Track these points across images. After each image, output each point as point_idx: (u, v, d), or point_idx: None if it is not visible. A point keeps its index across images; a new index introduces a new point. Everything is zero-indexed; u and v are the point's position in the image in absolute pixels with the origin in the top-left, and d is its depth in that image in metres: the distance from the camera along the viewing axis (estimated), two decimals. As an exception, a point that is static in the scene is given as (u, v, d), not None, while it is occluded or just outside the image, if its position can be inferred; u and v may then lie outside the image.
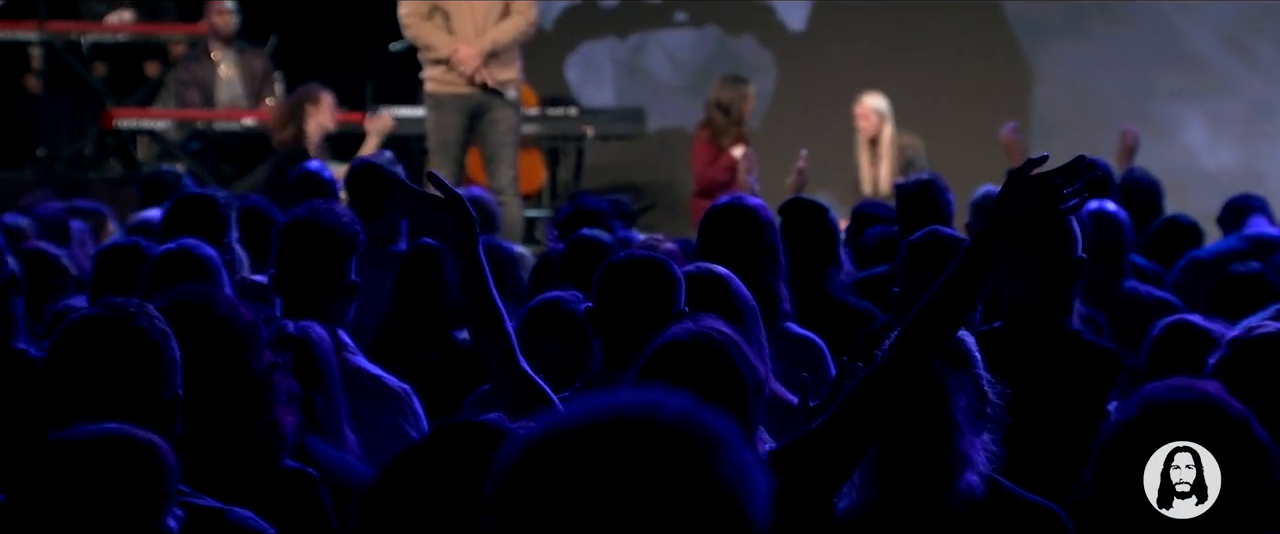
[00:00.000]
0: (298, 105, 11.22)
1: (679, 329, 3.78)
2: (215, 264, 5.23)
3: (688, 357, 3.73)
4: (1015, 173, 3.93)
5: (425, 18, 10.31)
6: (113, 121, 12.66)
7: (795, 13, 14.65)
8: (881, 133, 12.36)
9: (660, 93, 14.65)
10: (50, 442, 3.16)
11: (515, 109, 10.41)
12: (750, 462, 2.10)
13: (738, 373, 3.74)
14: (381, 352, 5.39)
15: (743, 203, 5.78)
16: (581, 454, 2.08)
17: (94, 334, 3.57)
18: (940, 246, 5.29)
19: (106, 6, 13.20)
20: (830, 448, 3.81)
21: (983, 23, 14.30)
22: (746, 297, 4.73)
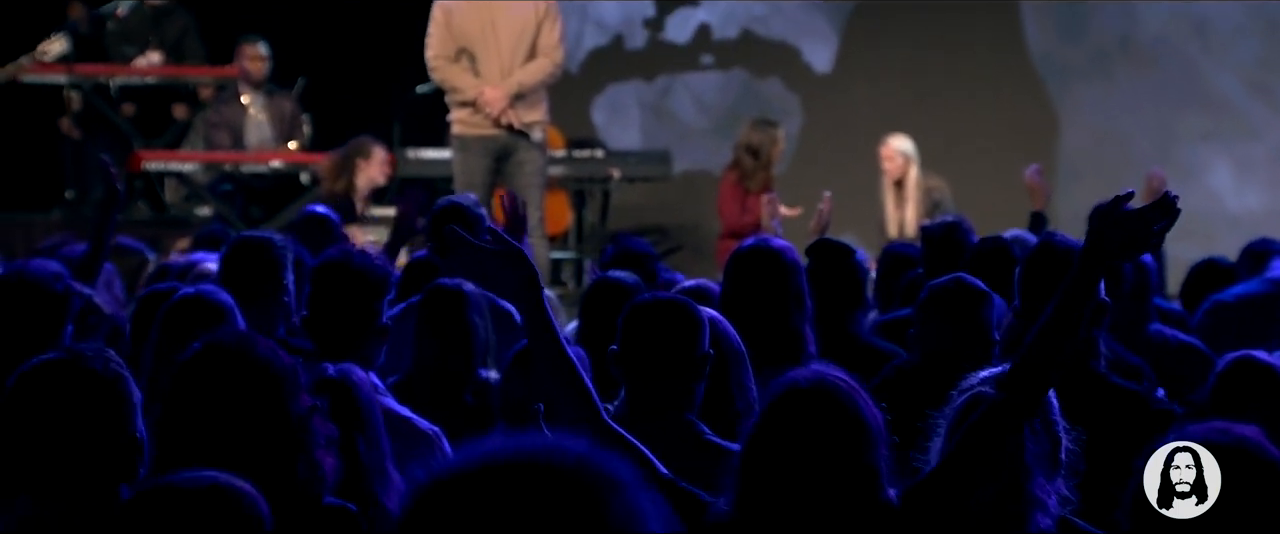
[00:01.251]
0: (349, 159, 11.27)
1: (799, 375, 3.77)
2: (230, 309, 5.24)
3: (810, 402, 3.72)
4: (1105, 209, 3.93)
5: (452, 60, 10.34)
6: (141, 164, 12.71)
7: (821, 55, 14.68)
8: (907, 174, 12.38)
9: (686, 135, 14.68)
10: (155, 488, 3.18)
11: (541, 151, 10.42)
12: (648, 508, 2.10)
13: (861, 418, 3.73)
14: (407, 393, 5.41)
15: (768, 245, 5.78)
16: (478, 494, 2.08)
17: (51, 378, 3.62)
18: (965, 293, 5.31)
19: (136, 49, 13.25)
20: (951, 490, 3.81)
21: (1008, 66, 14.32)
22: (735, 339, 4.75)
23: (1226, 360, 5.06)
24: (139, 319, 5.70)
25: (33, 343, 4.83)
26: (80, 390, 3.63)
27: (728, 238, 12.10)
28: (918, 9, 14.39)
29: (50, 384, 3.64)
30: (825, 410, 3.70)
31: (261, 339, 3.74)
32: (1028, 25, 14.41)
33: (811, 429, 3.66)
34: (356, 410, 4.28)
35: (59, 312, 5.07)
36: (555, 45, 10.37)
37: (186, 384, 3.63)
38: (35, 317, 5.07)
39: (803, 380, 3.73)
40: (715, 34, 14.82)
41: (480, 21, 10.26)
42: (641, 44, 14.96)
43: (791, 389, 3.73)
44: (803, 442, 3.68)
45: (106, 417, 3.65)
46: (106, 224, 6.77)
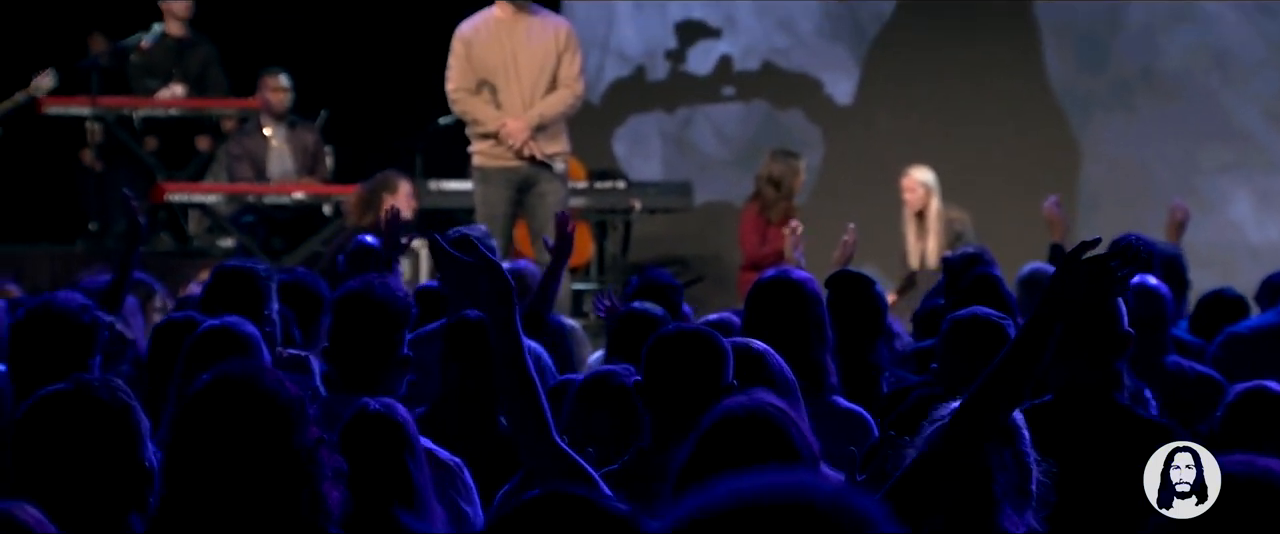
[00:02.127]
0: (375, 193, 11.29)
1: (733, 403, 3.78)
2: (256, 341, 5.26)
3: (744, 431, 3.75)
4: (1069, 256, 3.95)
5: (473, 92, 10.37)
6: (164, 195, 12.74)
7: (843, 87, 14.70)
8: (928, 206, 12.38)
9: (708, 166, 14.70)
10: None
11: (563, 182, 10.45)
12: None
13: (793, 447, 3.74)
14: (435, 424, 5.41)
15: (789, 276, 5.79)
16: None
17: (60, 408, 3.63)
18: (982, 326, 5.32)
19: (159, 82, 13.29)
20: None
21: (1030, 97, 14.33)
22: (786, 371, 4.75)
23: (1237, 390, 5.07)
24: (155, 349, 5.73)
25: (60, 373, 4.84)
26: (88, 420, 3.65)
27: (749, 269, 12.12)
28: (939, 41, 14.41)
29: (59, 414, 3.66)
30: (758, 438, 3.71)
31: (269, 371, 3.75)
32: (1049, 56, 14.42)
33: (744, 457, 3.65)
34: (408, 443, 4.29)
35: (87, 342, 5.09)
36: (575, 76, 10.40)
37: (193, 416, 3.65)
38: (63, 347, 5.10)
39: (737, 408, 3.74)
40: (737, 66, 14.85)
41: (501, 54, 10.29)
42: (663, 75, 14.99)
43: (727, 417, 3.75)
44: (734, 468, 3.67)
45: (115, 446, 3.67)
46: (129, 256, 6.85)
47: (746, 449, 3.68)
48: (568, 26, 10.54)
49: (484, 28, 10.37)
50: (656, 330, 4.70)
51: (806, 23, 14.74)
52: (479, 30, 10.37)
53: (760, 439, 3.71)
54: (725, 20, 14.86)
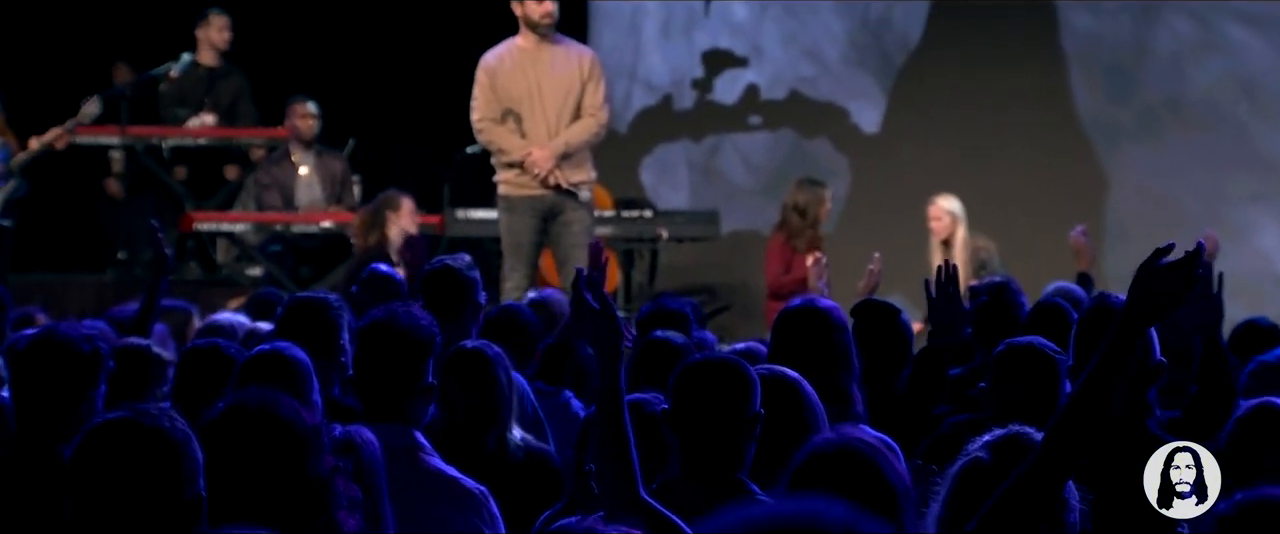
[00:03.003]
0: (379, 211, 11.34)
1: (823, 440, 3.77)
2: (305, 368, 5.27)
3: (836, 467, 3.72)
4: (1147, 264, 3.94)
5: (498, 121, 10.40)
6: (192, 224, 12.79)
7: (869, 116, 14.71)
8: (954, 234, 12.37)
9: (735, 195, 14.71)
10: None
11: (588, 210, 10.46)
12: None
13: (887, 481, 3.73)
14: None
15: (815, 305, 5.80)
16: None
17: (116, 436, 3.63)
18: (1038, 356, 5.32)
19: (189, 111, 13.35)
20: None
21: (1056, 126, 14.32)
22: (816, 401, 4.76)
23: (1247, 407, 5.07)
24: (183, 372, 5.75)
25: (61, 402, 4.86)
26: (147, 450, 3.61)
27: (773, 298, 12.12)
28: (965, 70, 14.41)
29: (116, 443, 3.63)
30: (851, 473, 3.70)
31: (285, 399, 3.75)
32: (1076, 86, 14.41)
33: (838, 493, 3.62)
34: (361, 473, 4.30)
35: (89, 373, 5.07)
36: (600, 105, 10.41)
37: (210, 443, 3.66)
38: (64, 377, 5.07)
39: (827, 445, 3.74)
40: (763, 95, 14.87)
41: (525, 83, 10.31)
42: (690, 104, 15.01)
43: (817, 454, 3.74)
44: None
45: (172, 477, 3.64)
46: (155, 285, 6.90)
47: (840, 485, 3.67)
48: (592, 55, 10.55)
49: (508, 57, 10.39)
50: (677, 358, 4.71)
51: (833, 52, 14.75)
52: (503, 60, 10.40)
53: (853, 474, 3.70)
54: (752, 49, 14.88)
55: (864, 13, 14.71)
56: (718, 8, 14.90)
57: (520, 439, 5.66)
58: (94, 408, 4.87)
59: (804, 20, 14.81)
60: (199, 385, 5.44)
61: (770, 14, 14.86)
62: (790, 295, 10.60)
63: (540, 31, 10.33)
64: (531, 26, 10.33)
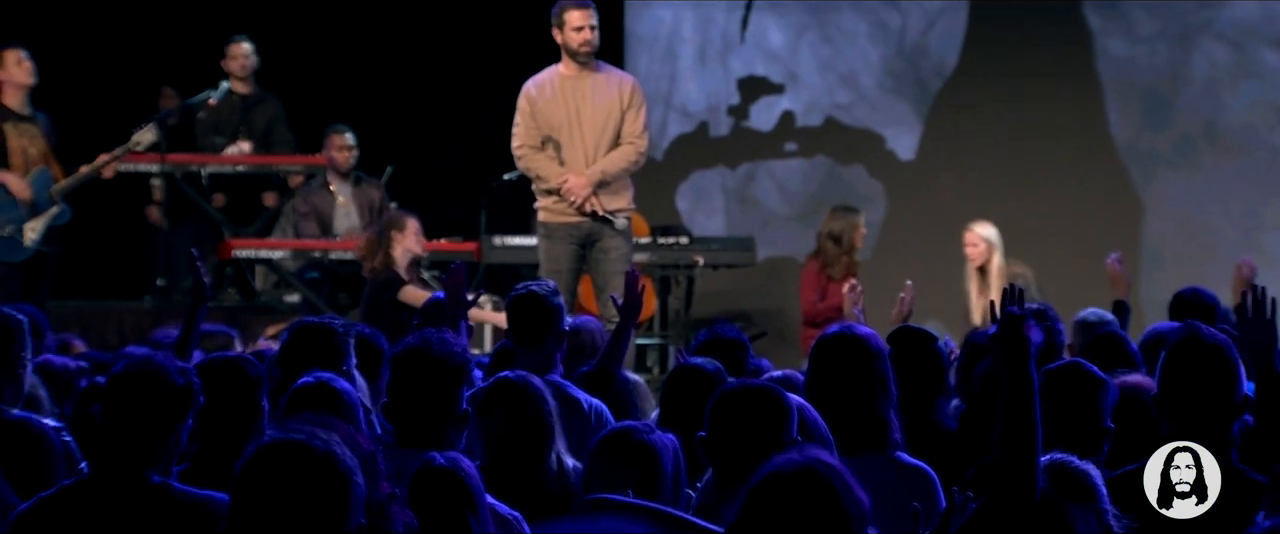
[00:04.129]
0: (383, 232, 11.34)
1: (783, 460, 3.77)
2: (351, 398, 5.29)
3: (793, 488, 3.74)
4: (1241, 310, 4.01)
5: (537, 148, 10.41)
6: (231, 251, 12.83)
7: (905, 143, 14.71)
8: (990, 261, 12.36)
9: (770, 222, 14.72)
10: None
11: (626, 238, 10.44)
12: None
13: (841, 505, 3.73)
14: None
15: (853, 332, 5.79)
16: None
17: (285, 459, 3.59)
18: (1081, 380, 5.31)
19: (225, 139, 13.39)
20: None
21: (1092, 154, 14.30)
22: (821, 425, 4.76)
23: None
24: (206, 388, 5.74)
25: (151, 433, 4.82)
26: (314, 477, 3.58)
27: (808, 325, 12.13)
28: (1001, 97, 14.41)
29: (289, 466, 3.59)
30: (808, 495, 3.69)
31: (341, 426, 3.74)
32: (1112, 113, 14.40)
33: (795, 514, 3.64)
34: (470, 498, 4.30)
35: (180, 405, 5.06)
36: (639, 133, 10.40)
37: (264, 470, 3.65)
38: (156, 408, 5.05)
39: (786, 465, 3.72)
40: (799, 121, 14.88)
41: (566, 110, 10.33)
42: (726, 131, 15.02)
43: (775, 474, 3.71)
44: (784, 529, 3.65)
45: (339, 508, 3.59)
46: (195, 313, 6.93)
47: (795, 507, 3.67)
48: (633, 83, 10.54)
49: (549, 85, 10.41)
50: (712, 386, 4.72)
51: (868, 79, 14.76)
52: (543, 87, 10.42)
53: (809, 496, 3.70)
54: (788, 76, 14.90)
55: (900, 40, 14.72)
56: (754, 35, 14.92)
57: (571, 467, 5.63)
58: (180, 441, 4.86)
59: (840, 47, 14.83)
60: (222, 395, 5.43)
61: (806, 41, 14.87)
62: (826, 322, 10.61)
63: (580, 59, 10.34)
64: (571, 54, 10.35)
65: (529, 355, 6.74)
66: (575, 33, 10.29)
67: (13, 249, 11.89)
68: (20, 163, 11.95)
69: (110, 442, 4.80)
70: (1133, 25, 14.36)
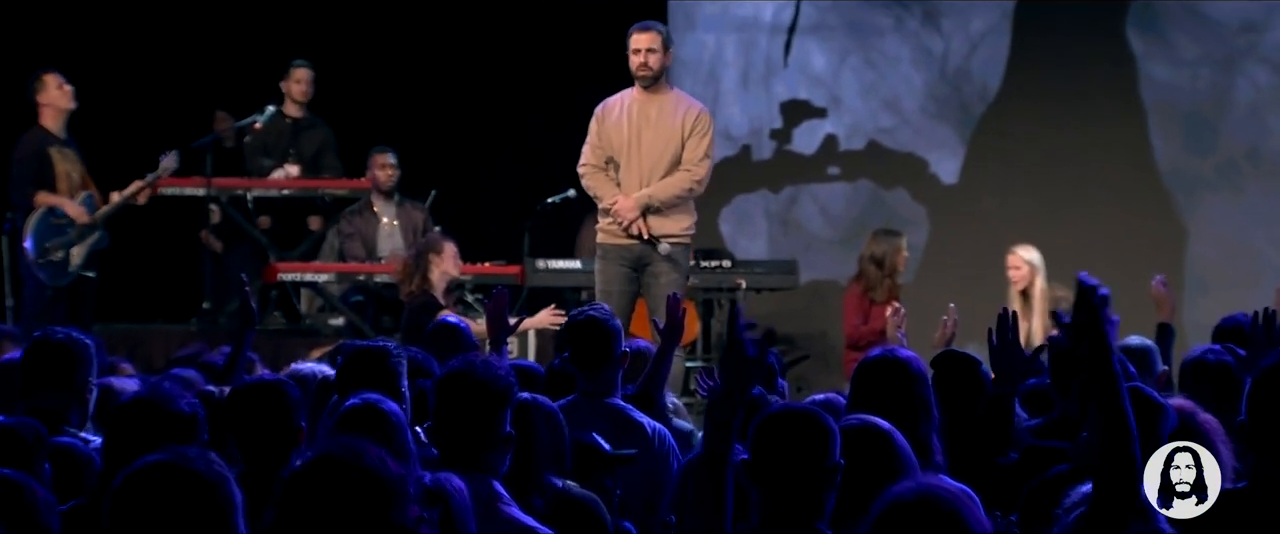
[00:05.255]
0: (421, 256, 11.38)
1: (903, 488, 3.77)
2: (398, 419, 5.32)
3: (916, 516, 3.72)
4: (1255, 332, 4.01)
5: (599, 168, 10.41)
6: (276, 275, 12.89)
7: (948, 167, 14.71)
8: (1033, 284, 12.35)
9: (813, 245, 14.73)
10: None
11: (673, 264, 10.34)
12: None
13: (969, 530, 3.74)
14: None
15: (895, 355, 5.80)
16: None
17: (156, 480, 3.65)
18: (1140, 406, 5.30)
19: (273, 162, 13.45)
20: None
21: (1135, 178, 14.28)
22: (907, 450, 4.76)
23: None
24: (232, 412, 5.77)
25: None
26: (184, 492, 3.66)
27: (851, 348, 12.13)
28: (1044, 121, 14.40)
29: (155, 485, 3.68)
30: (933, 522, 3.71)
31: (372, 448, 3.78)
32: (1155, 137, 14.38)
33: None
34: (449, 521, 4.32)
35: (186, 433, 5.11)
36: (697, 159, 10.34)
37: (297, 492, 3.69)
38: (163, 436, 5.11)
39: (907, 493, 3.74)
40: (842, 145, 14.89)
41: (628, 131, 10.31)
42: (769, 155, 15.04)
43: (896, 503, 3.74)
44: None
45: (210, 519, 3.69)
46: (243, 336, 6.99)
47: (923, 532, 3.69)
48: (700, 110, 10.43)
49: (617, 106, 10.42)
50: (754, 410, 4.74)
51: (912, 103, 14.77)
52: (611, 108, 10.42)
53: (932, 523, 3.70)
54: (831, 100, 14.91)
55: (943, 64, 14.73)
56: (797, 59, 14.94)
57: (561, 486, 5.64)
58: None
59: (883, 72, 14.84)
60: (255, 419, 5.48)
61: (849, 65, 14.89)
62: (868, 346, 10.61)
63: (641, 82, 10.34)
64: (634, 77, 10.36)
65: (589, 379, 6.76)
66: (632, 56, 10.30)
67: (60, 273, 11.98)
68: (66, 188, 12.04)
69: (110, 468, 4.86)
70: (1176, 49, 14.35)
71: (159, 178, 12.41)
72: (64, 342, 6.22)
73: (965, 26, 14.68)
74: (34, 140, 11.97)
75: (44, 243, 11.94)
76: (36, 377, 6.20)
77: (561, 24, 14.60)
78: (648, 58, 10.27)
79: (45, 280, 11.91)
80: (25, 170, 11.94)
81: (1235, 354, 7.04)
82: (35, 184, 11.95)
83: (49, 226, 11.97)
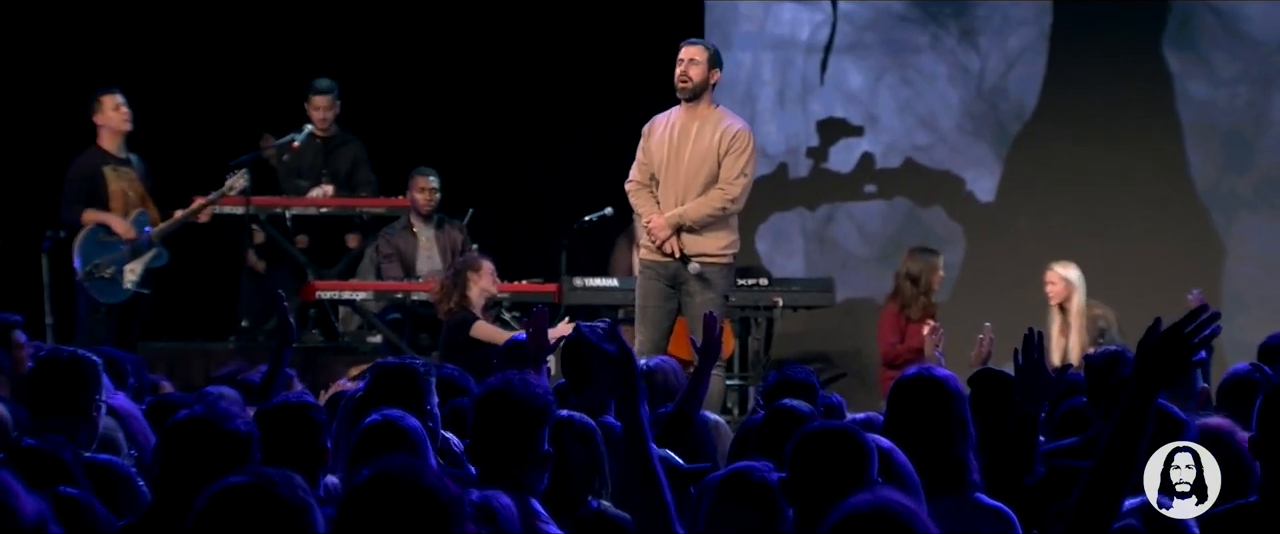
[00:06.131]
0: (459, 274, 11.42)
1: (858, 499, 3.79)
2: (419, 435, 5.33)
3: (871, 527, 3.76)
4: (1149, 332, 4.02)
5: (643, 184, 10.45)
6: (314, 293, 12.93)
7: (984, 185, 14.70)
8: (1070, 300, 12.34)
9: (849, 263, 14.72)
10: None
11: (706, 283, 10.32)
12: None
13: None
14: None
15: (932, 373, 5.79)
16: None
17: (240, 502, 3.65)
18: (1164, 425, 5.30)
19: (308, 181, 13.50)
20: None
21: (1173, 197, 14.26)
22: (908, 467, 4.77)
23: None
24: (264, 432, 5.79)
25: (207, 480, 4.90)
26: (269, 516, 3.66)
27: (887, 366, 12.13)
28: (1081, 139, 14.39)
29: (240, 508, 3.68)
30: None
31: (428, 466, 3.80)
32: (1193, 155, 14.35)
33: None
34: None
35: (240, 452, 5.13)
36: (732, 178, 10.32)
37: (355, 510, 3.70)
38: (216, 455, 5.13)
39: (862, 505, 3.74)
40: (878, 163, 14.89)
41: (669, 149, 10.33)
42: (805, 173, 15.05)
43: (852, 514, 3.73)
44: None
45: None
46: (280, 355, 7.01)
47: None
48: (739, 128, 10.39)
49: (661, 123, 10.44)
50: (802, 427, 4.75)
51: (948, 120, 14.76)
52: (656, 125, 10.45)
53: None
54: (867, 118, 14.92)
55: (979, 82, 14.72)
56: (833, 77, 14.95)
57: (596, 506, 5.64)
58: None
59: (919, 89, 14.84)
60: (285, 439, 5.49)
61: (886, 83, 14.90)
62: (905, 364, 10.61)
63: (681, 94, 10.35)
64: (676, 90, 10.38)
65: (580, 398, 6.78)
66: (676, 67, 10.33)
67: (112, 290, 12.04)
68: (120, 205, 12.12)
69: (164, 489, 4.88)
70: (1214, 68, 14.32)
71: (223, 195, 12.48)
72: (70, 360, 6.19)
73: (1002, 44, 14.67)
74: (88, 160, 12.11)
75: (93, 260, 12.01)
76: (43, 396, 6.16)
77: (600, 43, 14.63)
78: (688, 69, 10.27)
79: (96, 297, 11.99)
80: (75, 189, 12.07)
81: (1263, 372, 7.04)
82: (84, 202, 12.03)
83: (97, 243, 12.05)
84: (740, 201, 10.41)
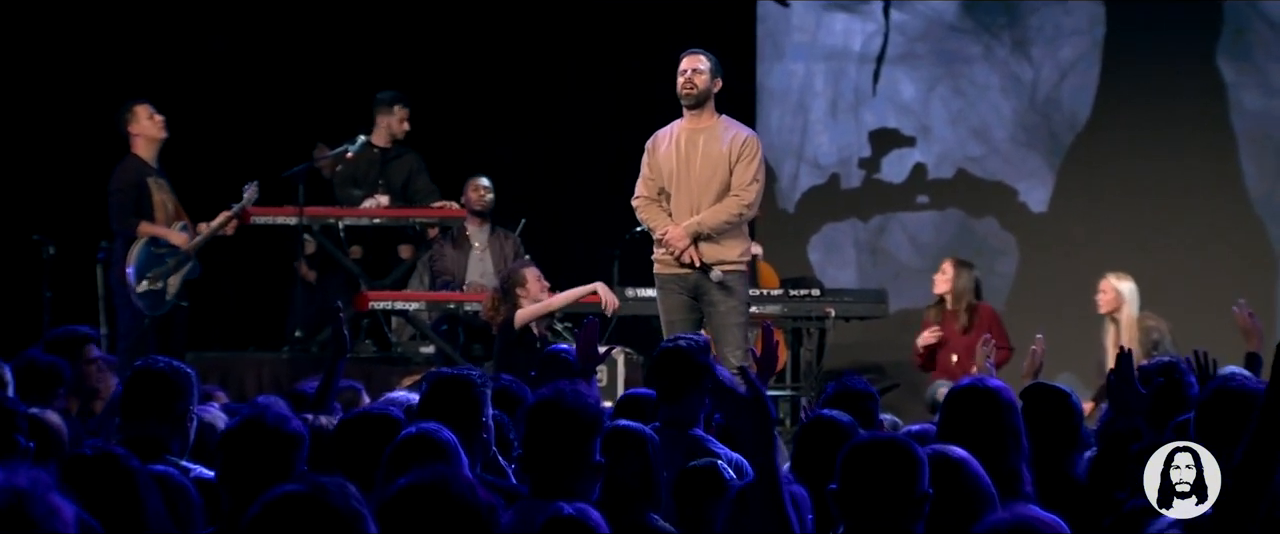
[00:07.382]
0: (508, 288, 11.43)
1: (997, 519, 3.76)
2: (454, 447, 5.35)
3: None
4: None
5: (652, 199, 10.42)
6: (367, 303, 12.97)
7: (1037, 195, 14.66)
8: (1120, 310, 12.30)
9: (902, 273, 14.71)
10: None
11: (729, 291, 10.24)
12: None
13: None
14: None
15: (985, 384, 5.79)
16: None
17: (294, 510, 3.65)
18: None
19: (363, 191, 13.53)
20: None
21: (1225, 207, 14.20)
22: (985, 480, 4.76)
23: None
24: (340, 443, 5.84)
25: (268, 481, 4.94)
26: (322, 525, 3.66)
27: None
28: (1134, 151, 14.35)
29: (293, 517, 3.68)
30: None
31: (460, 476, 3.80)
32: (1246, 166, 14.30)
33: None
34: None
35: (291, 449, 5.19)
36: (745, 185, 10.28)
37: (388, 521, 3.71)
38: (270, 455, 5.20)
39: (1002, 524, 3.73)
40: (930, 173, 14.87)
41: (677, 160, 10.31)
42: (857, 183, 15.04)
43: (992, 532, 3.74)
44: None
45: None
46: (335, 365, 7.04)
47: None
48: (748, 136, 10.39)
49: (667, 136, 10.43)
50: (845, 438, 4.74)
51: (1001, 131, 14.74)
52: (661, 138, 10.44)
53: None
54: (919, 129, 14.90)
55: (1032, 92, 14.69)
56: (885, 87, 14.94)
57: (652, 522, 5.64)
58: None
59: (971, 100, 14.82)
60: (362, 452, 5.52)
61: (938, 94, 14.88)
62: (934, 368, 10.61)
63: (685, 102, 10.34)
64: (680, 98, 10.37)
65: (670, 409, 6.78)
66: (679, 77, 10.32)
67: (158, 303, 12.08)
68: (163, 217, 12.12)
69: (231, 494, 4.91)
70: (1267, 78, 14.27)
71: (243, 208, 12.50)
72: (165, 370, 6.28)
73: (1055, 54, 14.64)
74: (131, 170, 12.02)
75: (145, 272, 12.03)
76: (138, 405, 6.26)
77: (652, 55, 14.64)
78: (693, 78, 10.25)
79: (144, 310, 11.98)
80: (126, 200, 11.99)
81: None
82: (136, 213, 12.03)
83: (151, 256, 12.06)
84: (754, 207, 10.37)
